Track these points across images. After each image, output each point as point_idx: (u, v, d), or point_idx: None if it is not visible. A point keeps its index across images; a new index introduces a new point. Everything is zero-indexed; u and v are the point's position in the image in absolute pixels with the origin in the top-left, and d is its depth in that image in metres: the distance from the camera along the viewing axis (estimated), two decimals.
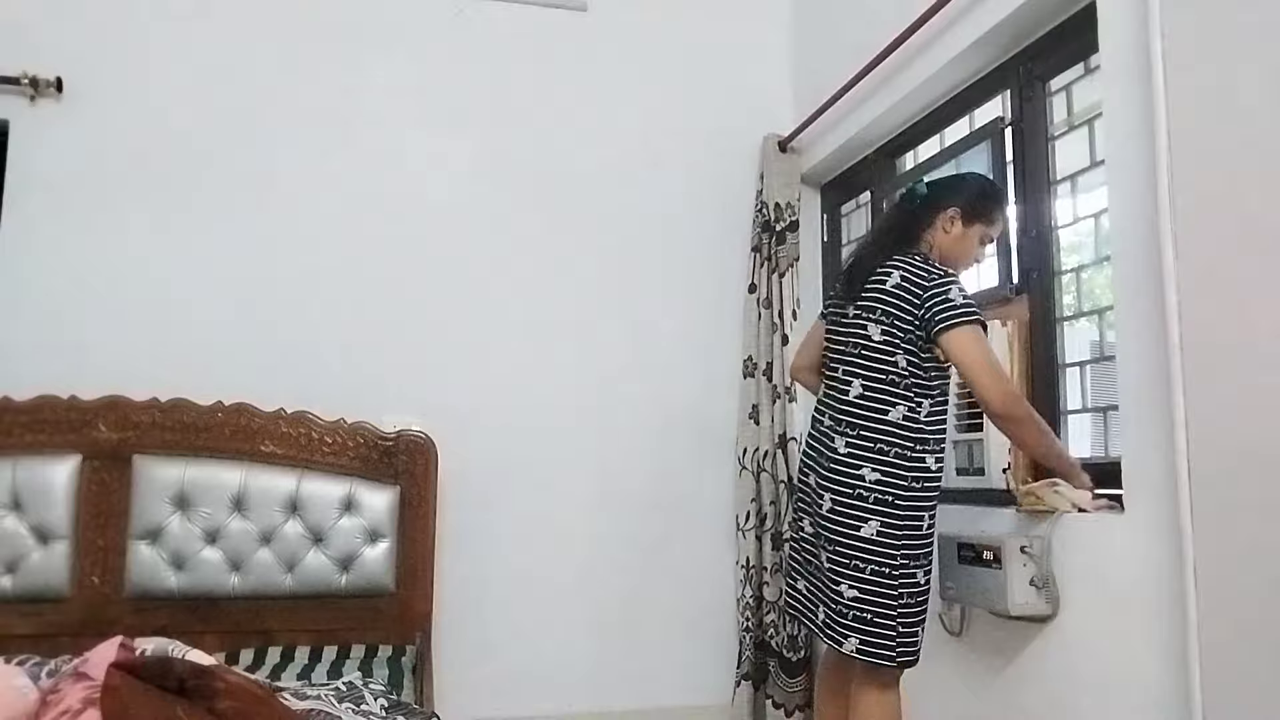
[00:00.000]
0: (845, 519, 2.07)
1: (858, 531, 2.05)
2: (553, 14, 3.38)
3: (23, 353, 2.79)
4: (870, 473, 2.05)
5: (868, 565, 2.03)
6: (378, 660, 2.56)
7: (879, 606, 2.02)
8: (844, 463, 2.09)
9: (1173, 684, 1.71)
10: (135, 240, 2.93)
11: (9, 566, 2.57)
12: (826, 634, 2.10)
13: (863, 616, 2.03)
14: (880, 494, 2.04)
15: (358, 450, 2.84)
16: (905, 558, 2.04)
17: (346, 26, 3.19)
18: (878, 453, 2.06)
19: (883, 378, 2.08)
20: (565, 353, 3.26)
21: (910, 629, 2.04)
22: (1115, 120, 1.92)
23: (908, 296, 2.05)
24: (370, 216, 3.13)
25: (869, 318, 2.12)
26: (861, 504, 2.05)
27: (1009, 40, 2.40)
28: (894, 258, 2.11)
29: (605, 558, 3.21)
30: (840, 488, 2.09)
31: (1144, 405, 1.81)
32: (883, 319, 2.08)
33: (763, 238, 3.33)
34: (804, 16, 3.54)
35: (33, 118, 2.89)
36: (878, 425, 2.07)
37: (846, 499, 2.07)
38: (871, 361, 2.10)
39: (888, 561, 2.03)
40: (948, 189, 2.22)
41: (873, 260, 2.16)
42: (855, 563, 2.04)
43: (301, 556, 2.73)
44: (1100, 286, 2.20)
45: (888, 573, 2.03)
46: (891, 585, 2.03)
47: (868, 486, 2.05)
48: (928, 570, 2.09)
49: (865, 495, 2.05)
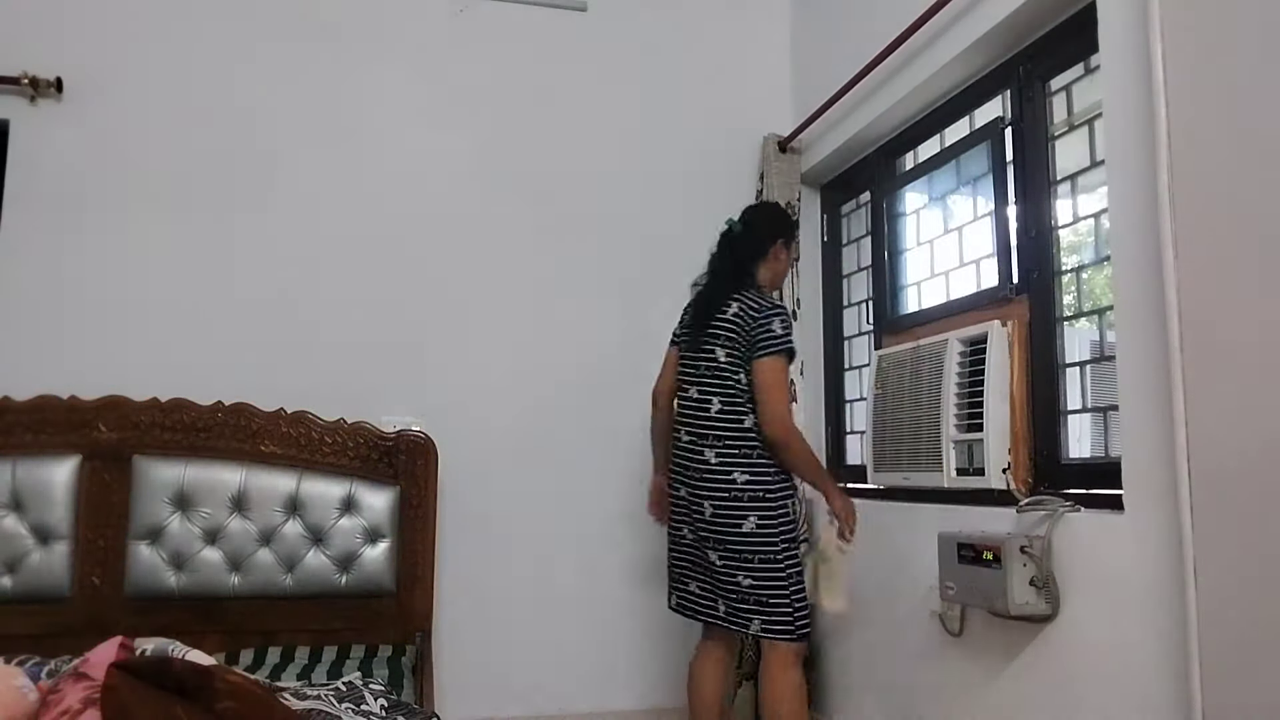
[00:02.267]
0: (727, 519, 2.37)
1: (740, 528, 2.35)
2: (553, 14, 3.38)
3: (23, 353, 2.80)
4: (740, 475, 2.37)
5: (755, 555, 2.34)
6: (378, 660, 2.56)
7: (773, 589, 2.33)
8: (716, 471, 2.39)
9: (1173, 684, 1.71)
10: (135, 240, 2.94)
11: (9, 566, 2.57)
12: (731, 622, 2.39)
13: (761, 600, 2.33)
14: (752, 492, 2.36)
15: (358, 450, 2.84)
16: (784, 542, 2.35)
17: (347, 27, 3.19)
18: (743, 457, 2.38)
19: (733, 392, 2.41)
20: (565, 353, 3.26)
21: (803, 604, 2.37)
22: (1115, 120, 1.92)
23: (743, 323, 2.40)
24: (370, 216, 3.13)
25: (716, 343, 2.45)
26: (738, 504, 2.36)
27: (1009, 40, 2.40)
28: (734, 293, 2.46)
29: (605, 558, 3.22)
30: (718, 493, 2.38)
31: (1144, 405, 1.81)
32: (726, 343, 2.43)
33: None
34: (804, 16, 3.54)
35: (33, 118, 2.89)
36: (737, 433, 2.39)
37: (725, 501, 2.37)
38: (723, 380, 2.43)
39: (770, 549, 2.33)
40: (771, 223, 2.60)
41: (718, 295, 2.49)
42: (744, 555, 2.35)
43: (301, 556, 2.73)
44: (1100, 286, 2.20)
45: (773, 558, 2.34)
46: (780, 568, 2.34)
47: (740, 487, 2.36)
48: (805, 551, 2.45)
49: (740, 495, 2.36)
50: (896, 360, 2.71)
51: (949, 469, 2.45)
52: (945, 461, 2.45)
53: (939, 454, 2.47)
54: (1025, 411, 2.31)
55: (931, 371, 2.53)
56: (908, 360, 2.65)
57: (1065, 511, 2.02)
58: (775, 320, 2.38)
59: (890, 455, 2.71)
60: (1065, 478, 2.20)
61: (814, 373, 3.43)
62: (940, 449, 2.47)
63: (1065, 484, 2.18)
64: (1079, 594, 1.98)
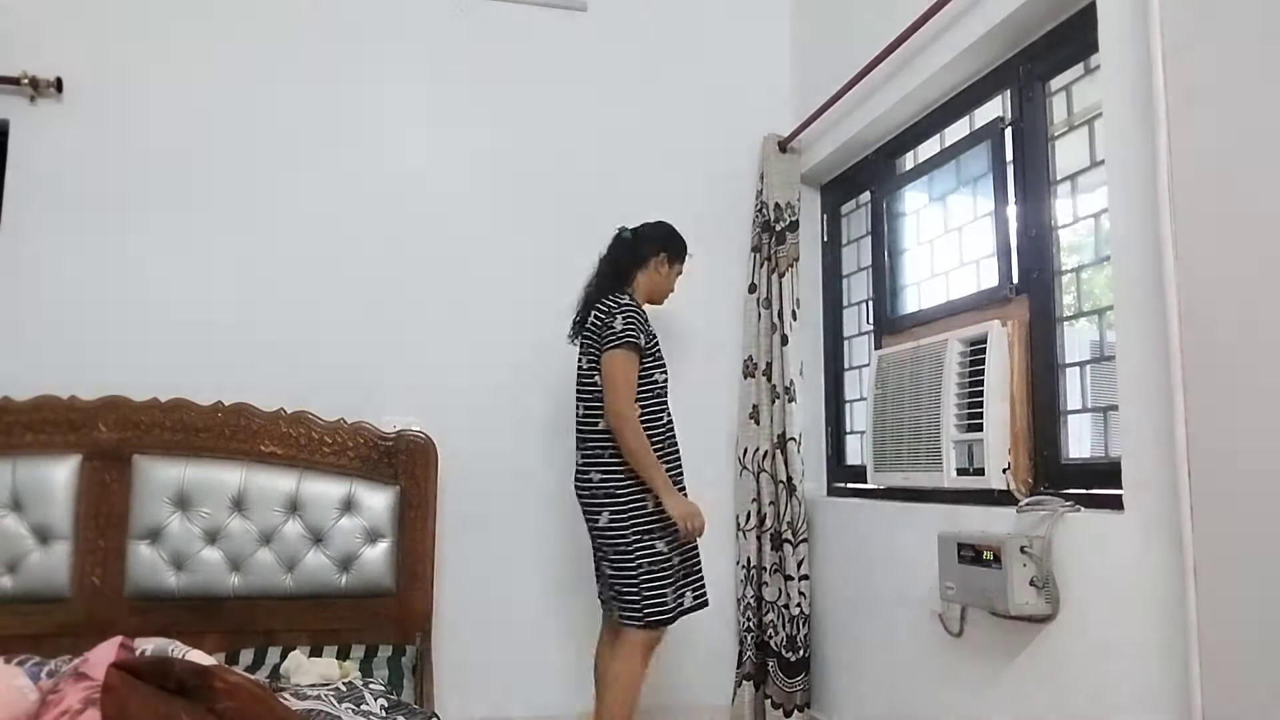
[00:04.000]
0: (589, 514, 2.61)
1: (597, 522, 2.57)
2: (553, 14, 3.39)
3: (23, 353, 2.80)
4: (596, 474, 2.57)
5: (611, 547, 2.54)
6: (378, 660, 2.56)
7: (624, 579, 2.52)
8: (580, 470, 2.63)
9: (1173, 684, 1.71)
10: (135, 240, 2.94)
11: (9, 566, 2.57)
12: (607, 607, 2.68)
13: (617, 589, 2.55)
14: (605, 489, 2.55)
15: (358, 450, 2.84)
16: (636, 535, 2.52)
17: (347, 27, 3.19)
18: (596, 457, 2.58)
19: (590, 396, 2.60)
20: (565, 353, 3.26)
21: (652, 594, 2.50)
22: (1115, 120, 1.92)
23: (597, 328, 2.58)
24: (371, 216, 3.13)
25: (582, 352, 2.65)
26: (594, 500, 2.58)
27: (1009, 40, 2.40)
28: (599, 299, 2.63)
29: None
30: (583, 492, 2.62)
31: (1144, 405, 1.81)
32: (587, 350, 2.62)
33: (763, 238, 3.33)
34: (804, 16, 3.54)
35: (33, 118, 2.89)
36: (593, 434, 2.59)
37: (586, 499, 2.61)
38: (585, 386, 2.63)
39: (622, 541, 2.52)
40: (661, 237, 2.76)
41: (589, 304, 2.67)
42: (603, 547, 2.58)
43: (301, 556, 2.73)
44: (1100, 286, 2.20)
45: (624, 549, 2.52)
46: (630, 559, 2.51)
47: (595, 485, 2.57)
48: (670, 541, 2.54)
49: (596, 492, 2.57)
50: (896, 360, 2.71)
51: (949, 469, 2.45)
52: (945, 461, 2.45)
53: (939, 454, 2.48)
54: (1025, 411, 2.31)
55: (931, 371, 2.53)
56: (908, 360, 2.65)
57: (1065, 511, 2.02)
58: (617, 318, 2.54)
59: (890, 455, 2.71)
60: (1065, 478, 2.20)
61: (814, 373, 3.43)
62: (940, 449, 2.47)
63: (1065, 484, 2.18)
64: (1079, 594, 1.98)
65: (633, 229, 2.78)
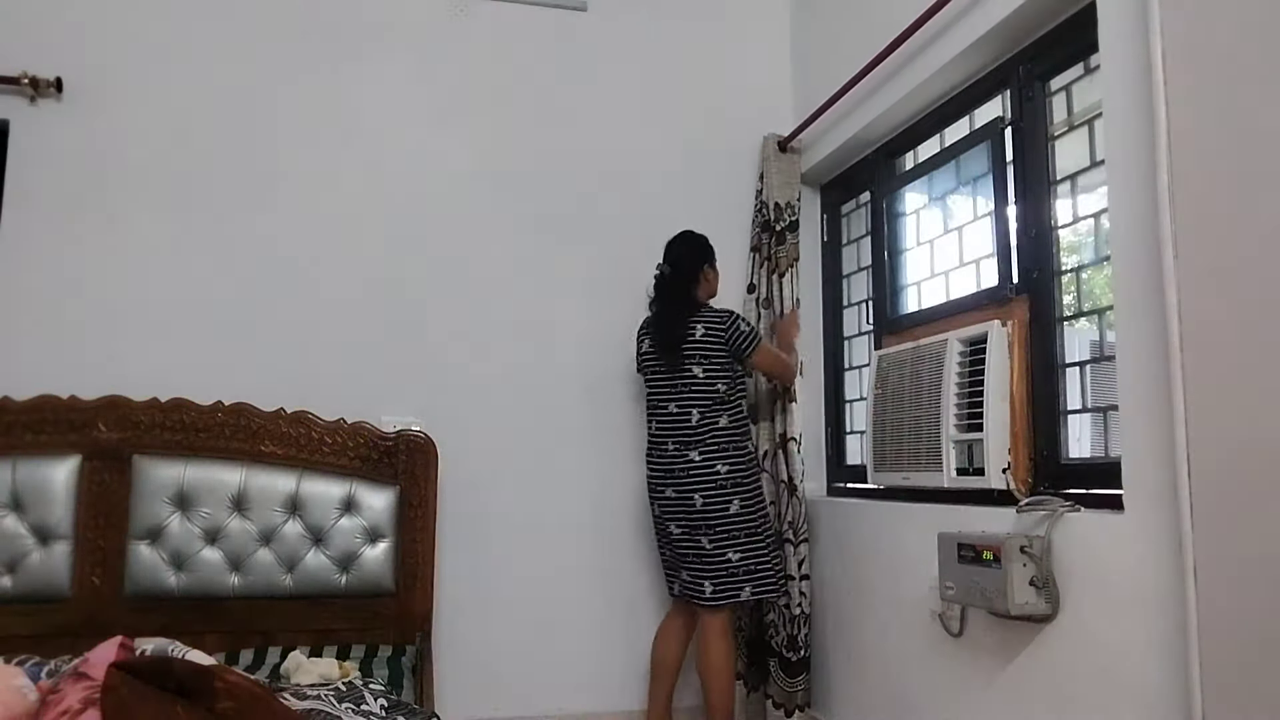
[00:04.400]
0: (715, 505, 2.80)
1: (727, 510, 2.78)
2: (553, 14, 3.39)
3: (23, 353, 2.80)
4: (722, 467, 2.79)
5: (741, 531, 2.80)
6: (378, 660, 2.56)
7: (758, 558, 2.79)
8: (702, 467, 2.79)
9: (1173, 684, 1.71)
10: (135, 240, 2.94)
11: (9, 566, 2.57)
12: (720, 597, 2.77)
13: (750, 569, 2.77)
14: (734, 479, 2.80)
15: (358, 450, 2.84)
16: (762, 518, 2.86)
17: (346, 26, 3.19)
18: (721, 452, 2.80)
19: (710, 401, 2.84)
20: (565, 353, 3.27)
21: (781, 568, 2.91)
22: (1115, 120, 1.92)
23: (716, 338, 2.84)
24: (370, 216, 3.13)
25: (693, 362, 2.85)
26: (723, 490, 2.79)
27: (1009, 40, 2.40)
28: (691, 318, 2.87)
29: (605, 558, 3.22)
30: (705, 484, 2.79)
31: (1144, 405, 1.81)
32: (702, 360, 2.84)
33: (762, 238, 3.33)
34: (804, 16, 3.54)
35: (33, 118, 2.89)
36: (715, 433, 2.82)
37: (711, 491, 2.79)
38: (702, 392, 2.84)
39: (752, 524, 2.82)
40: (693, 254, 2.98)
41: (678, 324, 2.88)
42: (732, 533, 2.78)
43: (301, 556, 2.73)
44: (1100, 286, 2.20)
45: (756, 531, 2.82)
46: (761, 540, 2.82)
47: (724, 477, 2.79)
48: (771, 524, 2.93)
49: (725, 483, 2.79)
50: (896, 360, 2.71)
51: (949, 469, 2.45)
52: (945, 461, 2.45)
53: (939, 454, 2.48)
54: (1025, 411, 2.31)
55: (931, 371, 2.53)
56: (908, 360, 2.65)
57: (1065, 511, 2.02)
58: (740, 322, 2.86)
59: (890, 455, 2.71)
60: (1065, 478, 2.20)
61: (814, 373, 3.43)
62: (940, 449, 2.47)
63: (1065, 484, 2.19)
64: (1079, 594, 1.98)
65: (668, 262, 2.98)
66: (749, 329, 2.87)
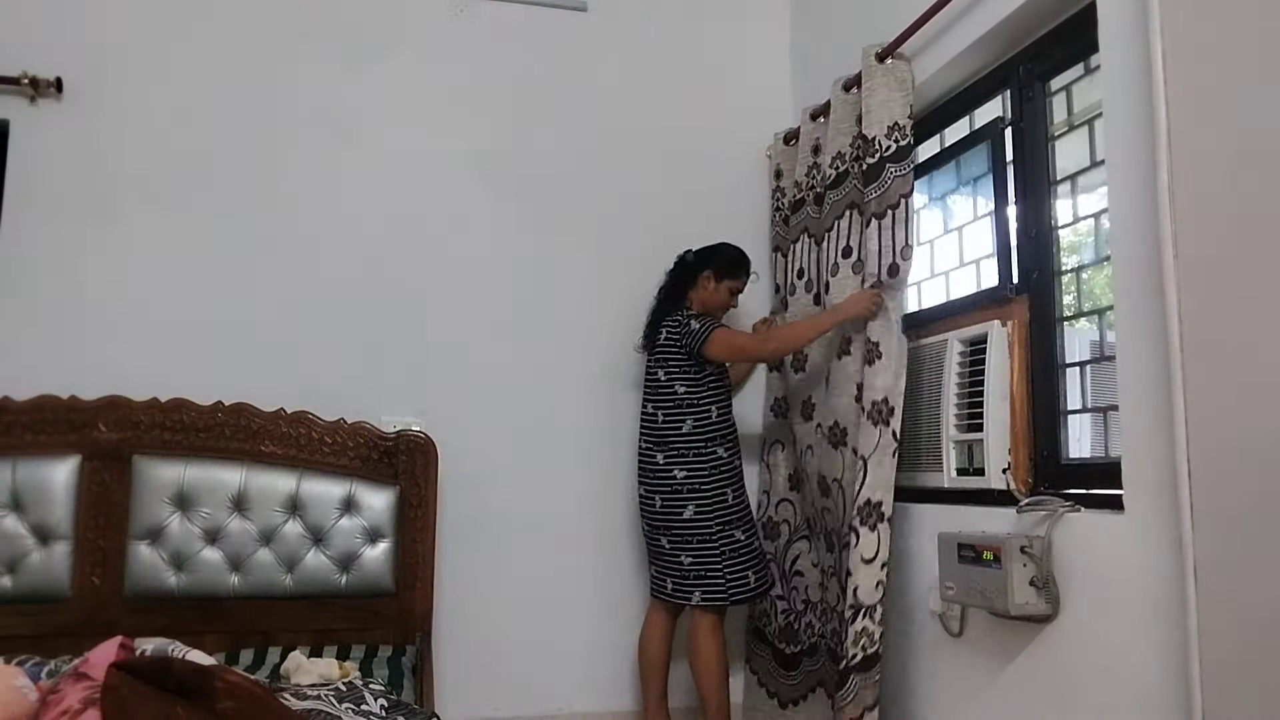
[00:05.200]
0: (671, 509, 2.82)
1: (681, 515, 2.78)
2: (553, 14, 3.38)
3: (23, 353, 2.80)
4: (679, 471, 2.79)
5: (694, 537, 2.78)
6: (378, 660, 2.56)
7: (708, 564, 2.76)
8: (662, 469, 2.83)
9: (1173, 684, 1.71)
10: (135, 240, 2.93)
11: (9, 566, 2.57)
12: (675, 597, 2.83)
13: (700, 574, 2.76)
14: (690, 485, 2.79)
15: (358, 450, 2.84)
16: (719, 524, 2.78)
17: (347, 27, 3.19)
18: (680, 456, 2.80)
19: (672, 404, 2.84)
20: (567, 353, 3.26)
21: (736, 576, 2.77)
22: (1115, 120, 1.92)
23: (674, 342, 2.84)
24: (370, 216, 3.13)
25: (657, 365, 2.89)
26: (679, 495, 2.80)
27: (1009, 40, 2.40)
28: (664, 318, 2.90)
29: (605, 556, 3.22)
30: (663, 488, 2.82)
31: (1144, 405, 1.81)
32: (663, 363, 2.87)
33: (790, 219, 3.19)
34: (804, 17, 3.54)
35: (33, 118, 2.89)
36: (677, 437, 2.82)
37: (668, 495, 2.82)
38: (664, 395, 2.87)
39: (706, 530, 2.78)
40: (708, 257, 2.96)
41: (656, 322, 2.94)
42: (685, 537, 2.79)
43: (301, 556, 2.73)
44: (1100, 286, 2.20)
45: (709, 538, 2.78)
46: (714, 547, 2.77)
47: (680, 482, 2.79)
48: (746, 529, 2.83)
49: (680, 488, 2.79)
50: None
51: (949, 469, 2.45)
52: (945, 461, 2.45)
53: (939, 454, 2.48)
54: (1025, 411, 2.31)
55: (931, 371, 2.53)
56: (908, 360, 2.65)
57: (1065, 511, 2.02)
58: (691, 321, 2.82)
59: None
60: (1065, 478, 2.20)
61: None
62: (940, 449, 2.47)
63: (1065, 484, 2.18)
64: (1079, 594, 1.98)
65: (695, 251, 3.00)
66: (700, 325, 2.80)
